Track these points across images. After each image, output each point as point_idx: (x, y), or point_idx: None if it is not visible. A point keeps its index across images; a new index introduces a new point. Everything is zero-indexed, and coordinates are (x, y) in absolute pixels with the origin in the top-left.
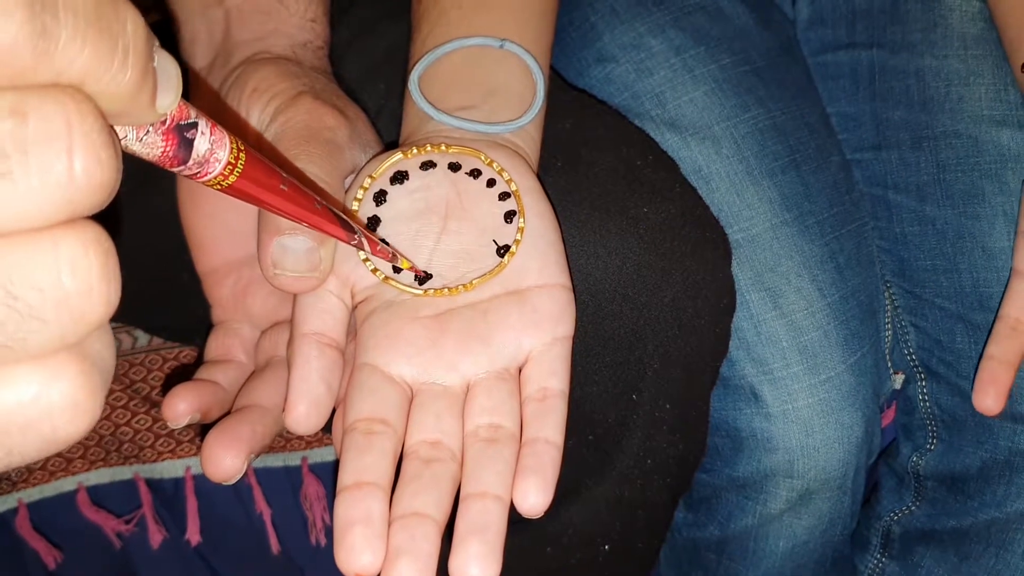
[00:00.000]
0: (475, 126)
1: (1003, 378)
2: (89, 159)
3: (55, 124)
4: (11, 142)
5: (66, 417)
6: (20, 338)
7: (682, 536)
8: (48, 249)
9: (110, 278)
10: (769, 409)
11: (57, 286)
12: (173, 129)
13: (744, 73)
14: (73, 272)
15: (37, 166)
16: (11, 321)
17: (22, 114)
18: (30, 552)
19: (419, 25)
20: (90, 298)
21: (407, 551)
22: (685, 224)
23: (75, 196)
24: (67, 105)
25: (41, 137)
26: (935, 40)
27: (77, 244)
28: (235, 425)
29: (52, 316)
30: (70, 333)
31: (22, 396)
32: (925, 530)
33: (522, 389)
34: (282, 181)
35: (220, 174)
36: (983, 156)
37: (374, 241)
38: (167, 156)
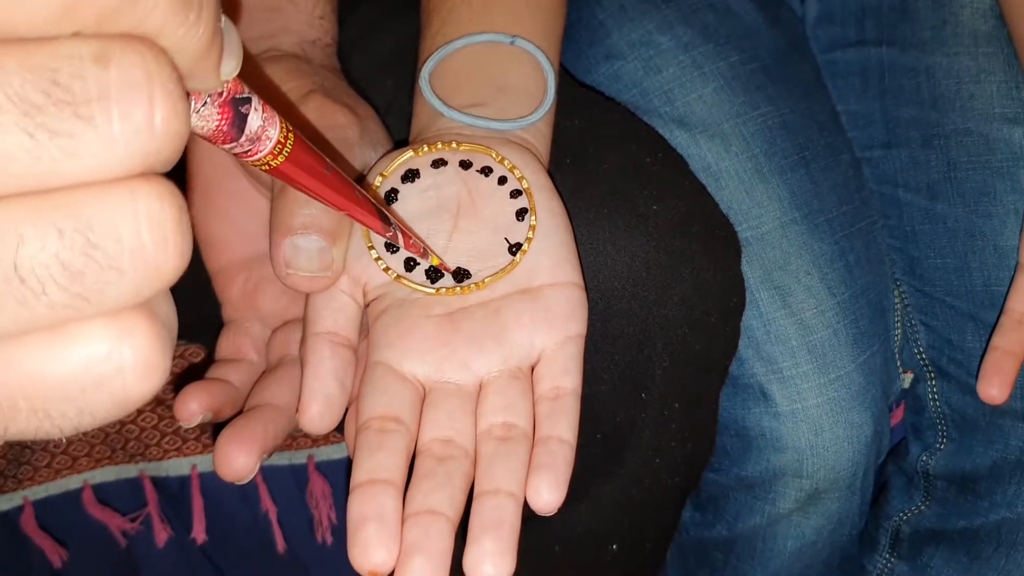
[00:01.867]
0: (486, 123)
1: (1008, 368)
2: (167, 109)
3: (136, 72)
4: (94, 87)
5: (137, 375)
6: (97, 289)
7: (690, 535)
8: (126, 199)
9: (185, 231)
10: (778, 408)
11: (135, 236)
12: (229, 102)
13: (753, 70)
14: (150, 223)
15: (119, 113)
16: (90, 271)
17: (105, 60)
18: (35, 550)
19: (429, 21)
20: (166, 250)
21: (421, 548)
22: (694, 222)
23: (152, 146)
24: (146, 55)
25: (123, 84)
26: (945, 37)
27: (154, 196)
28: (248, 424)
29: (129, 267)
30: (144, 287)
31: (96, 353)
32: (935, 530)
33: (535, 388)
34: (326, 167)
35: (270, 153)
36: (994, 154)
37: (408, 235)
38: (221, 130)
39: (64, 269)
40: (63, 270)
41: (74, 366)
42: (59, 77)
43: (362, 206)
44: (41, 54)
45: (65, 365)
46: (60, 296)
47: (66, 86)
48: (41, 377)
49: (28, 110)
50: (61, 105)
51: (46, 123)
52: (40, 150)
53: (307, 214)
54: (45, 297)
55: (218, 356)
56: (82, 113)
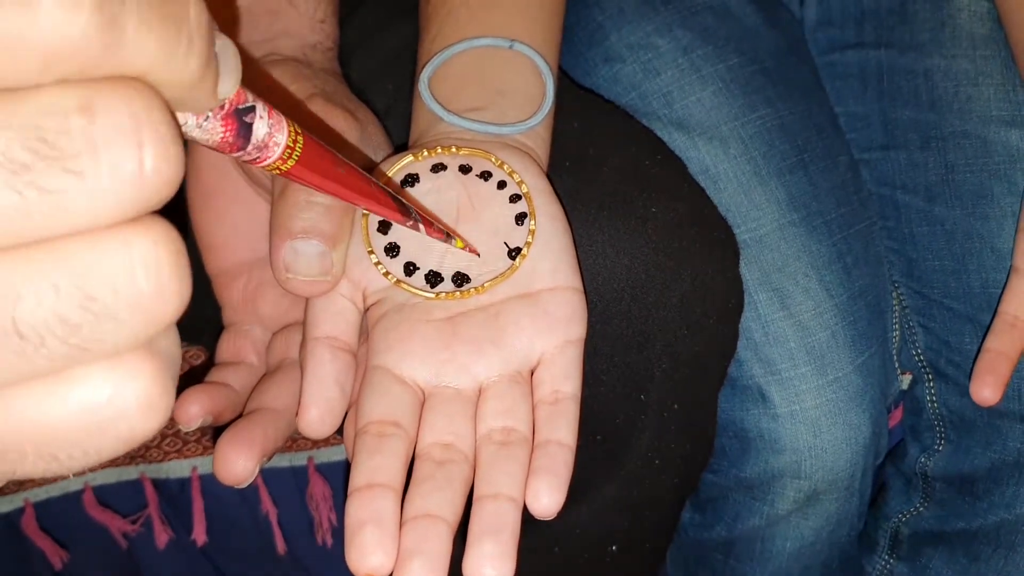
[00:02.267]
0: (485, 127)
1: (1001, 369)
2: (158, 154)
3: (123, 119)
4: (80, 141)
5: (141, 415)
6: (96, 339)
7: (689, 536)
8: (120, 248)
9: (182, 275)
10: (776, 410)
11: (131, 285)
12: (232, 114)
13: (752, 73)
14: (146, 271)
15: (107, 163)
16: (87, 323)
17: (90, 110)
18: (36, 552)
19: (427, 25)
20: (163, 296)
21: (419, 552)
22: (693, 224)
23: (145, 192)
24: (134, 99)
25: (110, 134)
26: (943, 40)
27: (148, 242)
28: (247, 428)
29: (126, 316)
30: (143, 332)
31: (98, 397)
32: (934, 531)
33: (534, 392)
34: (339, 164)
35: (279, 159)
36: (992, 156)
37: (429, 222)
38: (226, 141)
39: (62, 322)
40: (61, 323)
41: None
42: (45, 134)
43: (379, 199)
44: (24, 110)
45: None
46: (59, 348)
47: (52, 142)
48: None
49: (15, 169)
50: (49, 161)
51: (34, 180)
52: (30, 207)
53: (307, 218)
54: (44, 350)
55: (218, 359)
56: (71, 168)
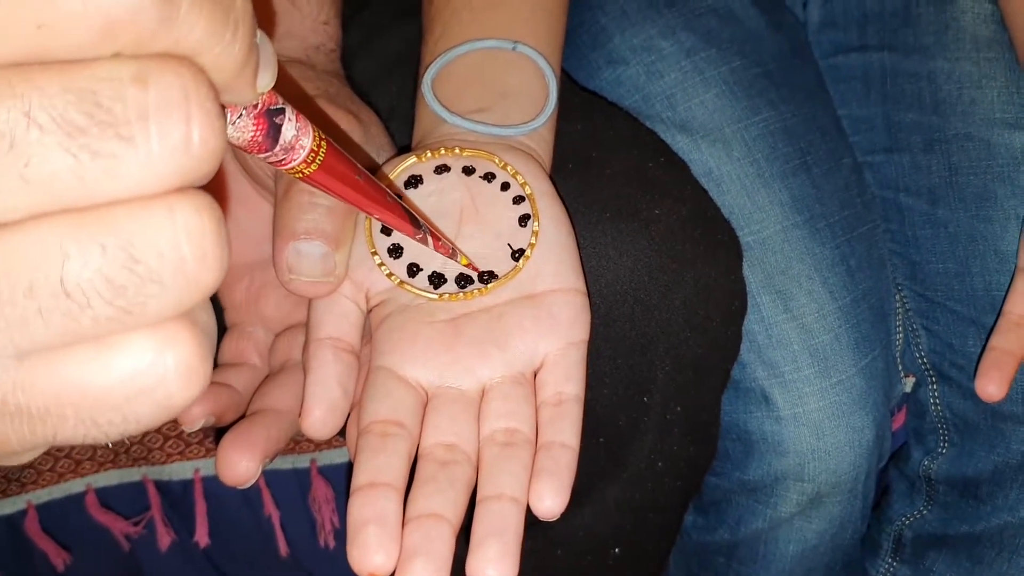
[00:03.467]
0: (488, 129)
1: (1007, 367)
2: (205, 128)
3: (174, 92)
4: (133, 108)
5: (181, 383)
6: (140, 302)
7: (692, 539)
8: (166, 214)
9: (223, 243)
10: (780, 412)
11: (175, 250)
12: (264, 113)
13: (755, 75)
14: (189, 237)
15: (158, 133)
16: (132, 285)
17: (143, 81)
18: (39, 553)
19: (431, 26)
20: (205, 263)
21: (422, 552)
22: (696, 226)
23: (190, 164)
24: (184, 75)
25: (161, 104)
26: (947, 43)
27: (192, 210)
28: (250, 429)
29: (170, 280)
30: (186, 298)
31: (139, 363)
32: (937, 535)
33: (537, 393)
34: (358, 173)
35: (303, 162)
36: (995, 159)
37: (437, 237)
38: (256, 141)
39: (108, 283)
40: (107, 285)
41: (119, 376)
42: (100, 99)
43: (392, 210)
44: (82, 76)
45: (110, 375)
46: (104, 310)
47: (107, 108)
48: (87, 387)
49: (71, 131)
50: (103, 126)
51: (88, 144)
52: (83, 170)
53: (310, 219)
54: (90, 310)
55: (221, 360)
56: (123, 133)
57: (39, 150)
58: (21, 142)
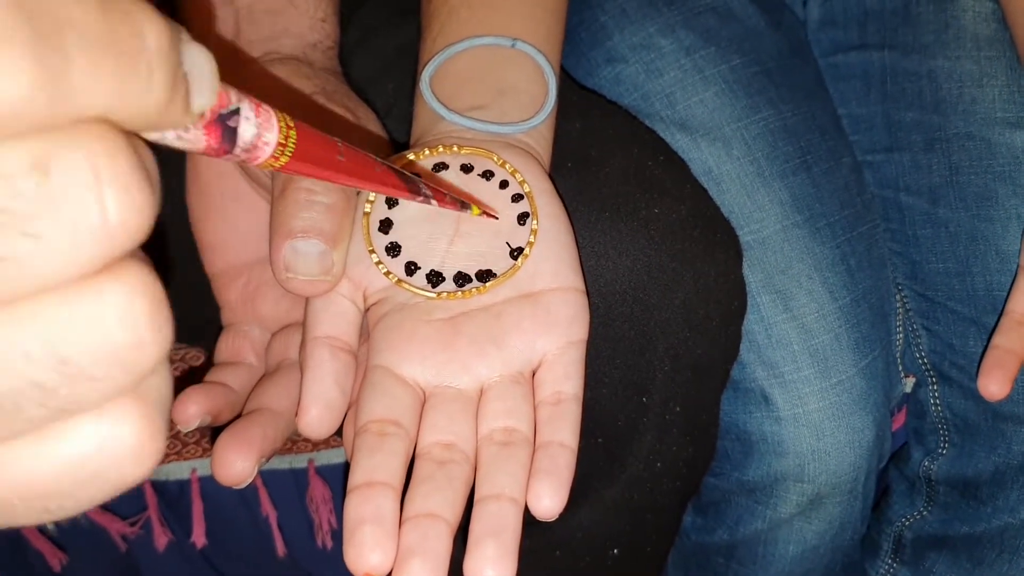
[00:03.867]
0: (487, 126)
1: (1009, 365)
2: (123, 204)
3: (81, 172)
4: (37, 201)
5: (132, 461)
6: (75, 398)
7: (691, 540)
8: (92, 303)
9: (160, 324)
10: (779, 412)
11: (107, 342)
12: (214, 121)
13: (755, 74)
14: (122, 325)
15: (68, 222)
16: (63, 385)
17: (44, 168)
18: (35, 554)
19: (429, 24)
20: (141, 349)
21: (419, 551)
22: (696, 225)
23: (111, 244)
24: (91, 147)
25: (68, 190)
26: (947, 41)
27: (122, 293)
28: (246, 428)
29: (104, 373)
30: (124, 384)
31: (86, 448)
32: (937, 536)
33: (536, 393)
34: (339, 151)
35: (271, 157)
36: (996, 158)
37: (441, 192)
38: (211, 147)
39: (38, 388)
40: (37, 390)
41: (65, 464)
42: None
43: (385, 179)
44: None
45: (56, 464)
46: (38, 411)
47: (6, 208)
48: (32, 478)
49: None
50: (5, 228)
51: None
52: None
53: (307, 217)
54: (21, 414)
55: (217, 360)
56: (29, 231)
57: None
58: None
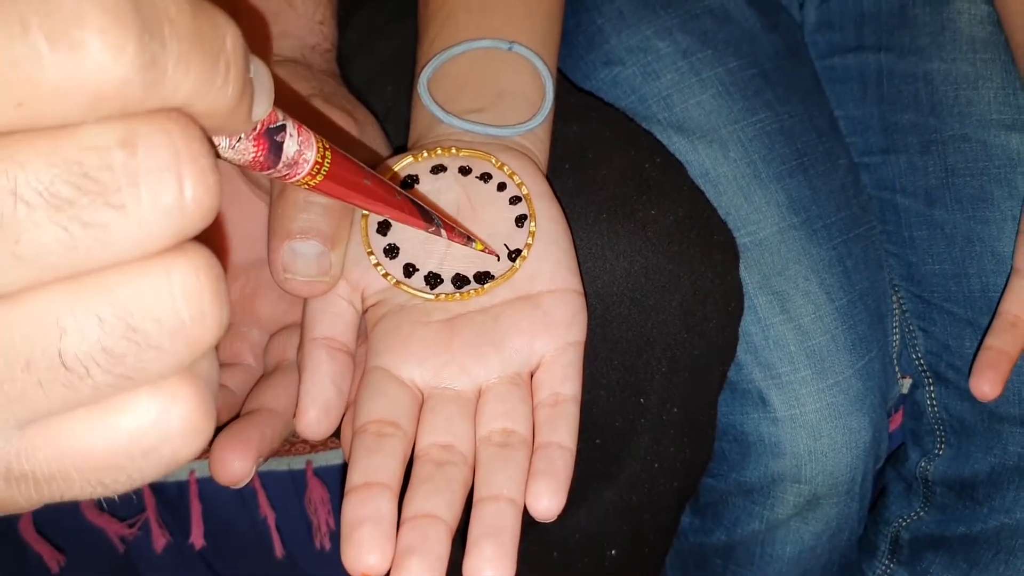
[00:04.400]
0: (485, 129)
1: (1001, 366)
2: (198, 186)
3: (164, 153)
4: (122, 175)
5: (185, 439)
6: (139, 368)
7: (689, 541)
8: (161, 277)
9: (222, 301)
10: (776, 414)
11: (173, 315)
12: (264, 134)
13: (751, 76)
14: (187, 299)
15: (149, 197)
16: (131, 353)
17: (131, 145)
18: (33, 556)
19: (426, 27)
20: (204, 323)
21: (417, 550)
22: (693, 227)
23: (184, 223)
24: (174, 132)
25: (151, 168)
26: (943, 44)
27: (189, 270)
28: (244, 429)
29: (168, 344)
30: (186, 358)
31: (142, 423)
32: (934, 536)
33: (534, 394)
34: (365, 176)
35: (308, 175)
36: (992, 160)
37: (451, 227)
38: (257, 161)
39: (106, 354)
40: (105, 355)
41: (122, 437)
42: (87, 169)
43: (403, 207)
44: (67, 146)
45: (113, 437)
46: (104, 378)
47: (95, 177)
48: (91, 450)
49: (60, 205)
50: (92, 196)
51: (78, 215)
52: (74, 242)
53: (306, 219)
54: (89, 380)
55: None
56: (113, 202)
57: (29, 227)
58: (10, 220)
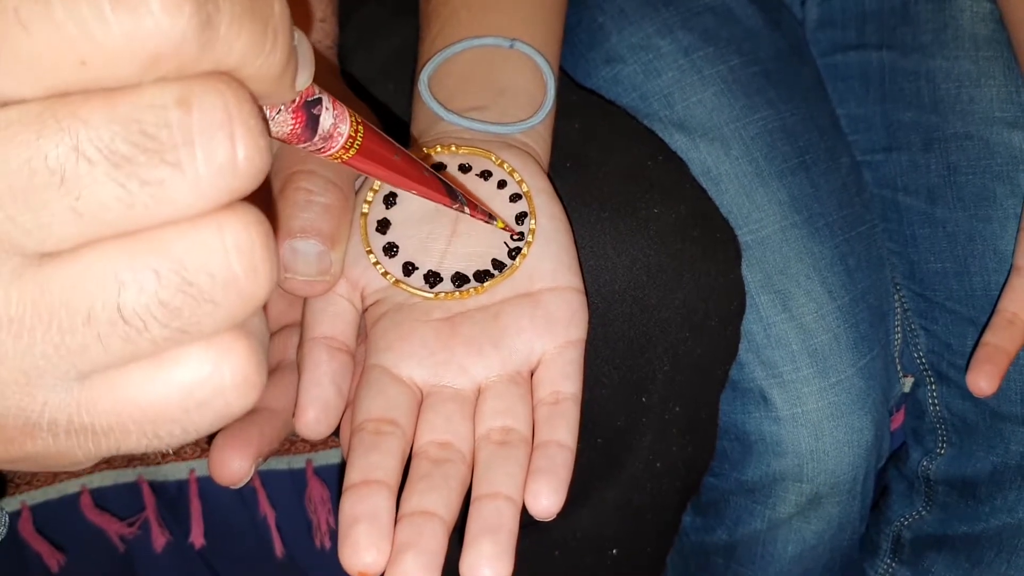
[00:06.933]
0: (485, 126)
1: (999, 362)
2: (249, 146)
3: (218, 113)
4: (179, 134)
5: (238, 392)
6: (195, 321)
7: (690, 540)
8: (214, 233)
9: (272, 256)
10: (778, 412)
11: (227, 269)
12: (302, 106)
13: (753, 74)
14: (240, 254)
15: (203, 155)
16: (187, 306)
17: (187, 105)
18: (33, 555)
19: (428, 24)
20: (256, 277)
21: (413, 546)
22: (695, 225)
23: (236, 182)
24: (226, 93)
25: (206, 127)
26: (946, 41)
27: (240, 227)
28: (244, 428)
29: (223, 298)
30: (239, 313)
31: (197, 376)
32: (936, 535)
33: (534, 392)
34: (396, 152)
35: (341, 148)
36: (994, 158)
37: (474, 205)
38: (295, 133)
39: (163, 307)
40: (162, 308)
41: (178, 390)
42: (146, 127)
43: (430, 184)
44: (126, 105)
45: (169, 390)
46: (161, 331)
47: (152, 135)
48: (148, 402)
49: (118, 162)
50: (150, 154)
51: (136, 172)
52: (132, 198)
53: (306, 217)
54: (148, 333)
55: None
56: (169, 159)
57: (89, 183)
58: (71, 177)
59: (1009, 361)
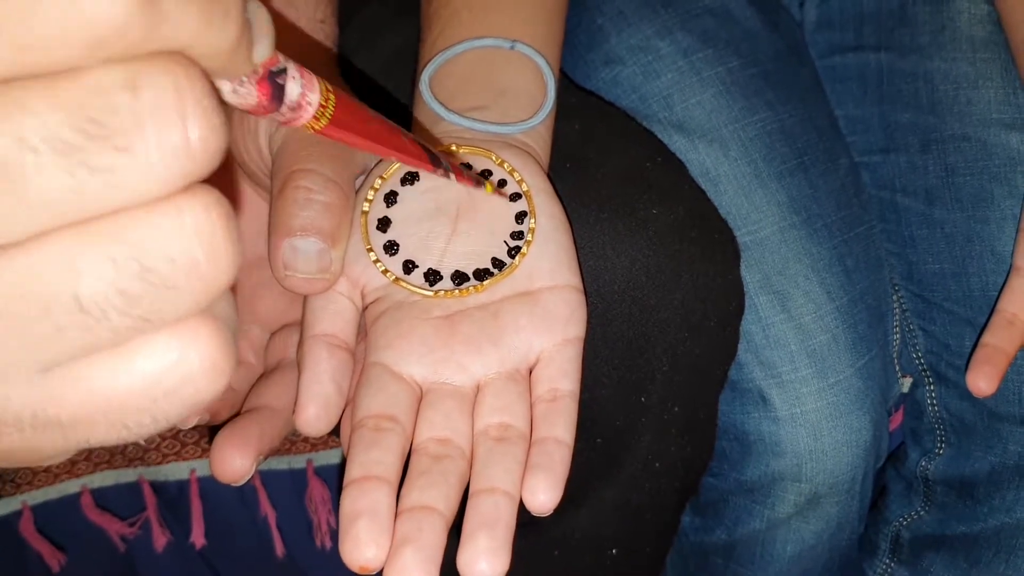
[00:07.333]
0: (486, 126)
1: (998, 362)
2: (203, 126)
3: (167, 94)
4: (127, 118)
5: (206, 378)
6: (156, 309)
7: (689, 540)
8: (174, 218)
9: (234, 238)
10: (777, 413)
11: (187, 254)
12: (265, 77)
13: (752, 76)
14: (200, 238)
15: (155, 139)
16: (147, 294)
17: (134, 88)
18: (33, 555)
19: (429, 25)
20: (218, 261)
21: (412, 541)
22: (694, 226)
23: (191, 164)
24: (176, 73)
25: (155, 109)
26: (943, 43)
27: (200, 209)
28: (244, 426)
29: (184, 284)
30: (202, 298)
31: (163, 364)
32: (935, 535)
33: (532, 390)
34: (371, 120)
35: (312, 118)
36: (992, 159)
37: (459, 170)
38: (261, 104)
39: (122, 296)
40: (121, 297)
41: (144, 379)
42: (92, 113)
43: (410, 150)
44: (71, 91)
45: (135, 379)
46: (122, 320)
47: (99, 120)
48: (114, 393)
49: (65, 150)
50: (98, 140)
51: (85, 160)
52: (82, 186)
53: (307, 216)
54: (108, 322)
55: None
56: (119, 145)
57: (35, 173)
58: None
59: (1008, 362)
